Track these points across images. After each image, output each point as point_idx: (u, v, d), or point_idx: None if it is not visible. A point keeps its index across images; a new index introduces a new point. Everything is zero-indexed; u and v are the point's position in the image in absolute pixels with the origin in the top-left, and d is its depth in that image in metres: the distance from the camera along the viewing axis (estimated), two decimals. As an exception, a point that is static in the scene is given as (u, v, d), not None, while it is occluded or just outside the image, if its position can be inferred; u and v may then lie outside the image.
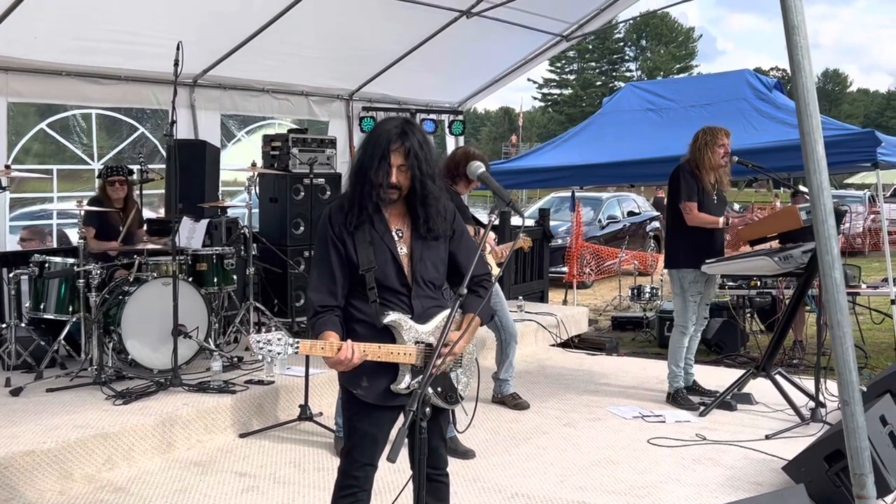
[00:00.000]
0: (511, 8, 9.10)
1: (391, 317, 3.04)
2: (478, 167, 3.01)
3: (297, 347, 2.88)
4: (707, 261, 6.19)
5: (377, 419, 3.18)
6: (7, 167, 6.51)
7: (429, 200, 3.10)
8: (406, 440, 3.06)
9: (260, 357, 2.83)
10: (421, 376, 2.97)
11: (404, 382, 3.05)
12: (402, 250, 3.14)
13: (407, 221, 3.18)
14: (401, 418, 3.19)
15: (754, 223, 6.38)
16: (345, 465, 3.25)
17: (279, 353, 2.83)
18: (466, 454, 5.28)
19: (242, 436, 5.67)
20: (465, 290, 2.75)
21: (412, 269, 3.13)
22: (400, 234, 3.15)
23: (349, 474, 3.22)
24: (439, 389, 3.12)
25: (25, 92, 7.48)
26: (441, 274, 3.23)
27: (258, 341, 2.83)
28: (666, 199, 6.66)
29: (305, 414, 5.82)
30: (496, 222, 2.88)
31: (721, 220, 6.24)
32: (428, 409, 2.66)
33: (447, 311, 3.14)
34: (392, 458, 2.41)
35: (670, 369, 6.57)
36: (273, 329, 2.81)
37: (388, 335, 3.08)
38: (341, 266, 3.10)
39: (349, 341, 2.97)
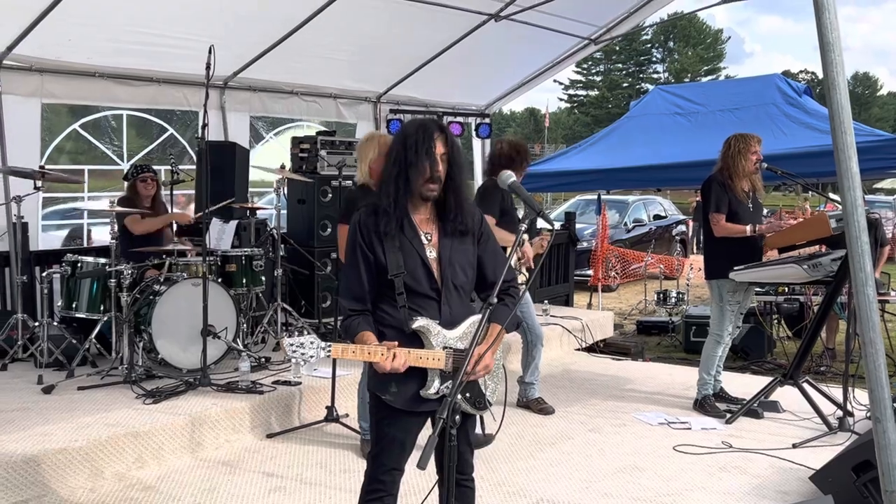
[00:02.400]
0: (539, 11, 9.10)
1: (419, 322, 3.06)
2: (508, 176, 3.02)
3: (329, 351, 2.91)
4: (735, 268, 6.16)
5: (405, 425, 3.20)
6: (41, 168, 6.60)
7: (461, 190, 3.16)
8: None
9: (293, 361, 2.86)
10: (450, 381, 3.00)
11: (434, 388, 3.07)
12: (432, 254, 3.16)
13: (435, 225, 3.21)
14: (428, 423, 3.23)
15: (783, 231, 6.33)
16: (372, 469, 3.27)
17: (312, 357, 2.86)
18: (487, 440, 5.33)
19: (270, 436, 5.72)
20: (496, 300, 2.76)
21: (441, 274, 3.15)
22: (429, 238, 3.18)
23: (376, 479, 3.24)
24: (468, 395, 3.14)
25: (59, 93, 7.59)
26: (470, 279, 3.24)
27: (291, 344, 2.87)
28: (702, 210, 6.64)
29: (332, 415, 5.86)
30: (525, 236, 2.89)
31: (748, 228, 6.19)
32: (458, 417, 2.68)
33: (475, 317, 3.16)
34: (422, 466, 2.43)
35: (701, 376, 6.54)
36: (304, 332, 2.83)
37: (416, 340, 3.09)
38: (368, 271, 3.13)
39: (381, 346, 3.00)
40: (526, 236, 6.08)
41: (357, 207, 3.28)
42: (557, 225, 11.89)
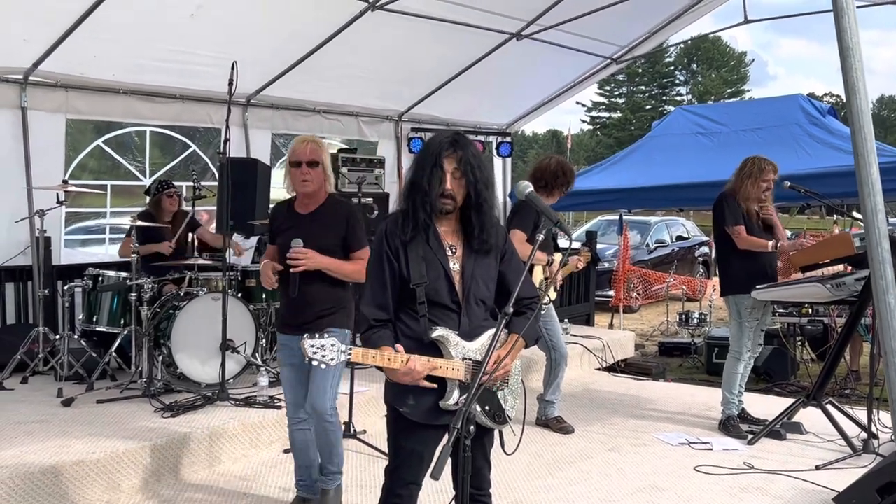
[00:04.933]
0: (561, 30, 9.12)
1: (438, 331, 3.05)
2: (525, 186, 3.01)
3: (350, 354, 2.88)
4: (758, 287, 6.10)
5: (423, 438, 3.17)
6: (65, 182, 6.67)
7: (484, 209, 3.13)
8: (449, 460, 3.07)
9: (314, 363, 2.83)
10: (467, 394, 2.97)
11: (453, 398, 3.05)
12: (455, 266, 3.15)
13: (460, 238, 3.20)
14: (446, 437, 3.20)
15: (807, 249, 6.28)
16: (389, 483, 3.24)
17: (332, 360, 2.84)
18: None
19: (287, 451, 5.68)
20: (511, 310, 2.74)
21: (463, 286, 3.14)
22: (453, 250, 3.17)
23: (394, 492, 3.22)
24: (487, 408, 3.11)
25: (83, 109, 7.67)
26: (491, 293, 3.23)
27: (312, 346, 2.84)
28: (713, 226, 6.60)
29: (349, 431, 5.84)
30: (541, 237, 2.85)
31: (770, 243, 6.17)
32: (472, 428, 2.65)
33: (493, 330, 3.13)
34: (436, 476, 2.41)
35: (724, 396, 6.46)
36: (326, 335, 2.82)
37: (434, 352, 3.07)
38: (392, 280, 3.13)
39: (400, 354, 2.99)
40: (558, 256, 6.08)
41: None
42: (578, 244, 11.85)
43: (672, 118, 11.90)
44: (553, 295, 6.62)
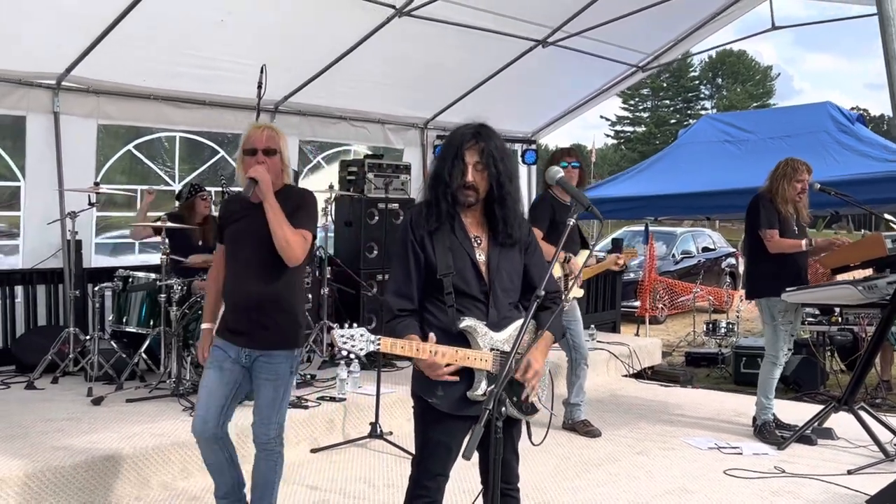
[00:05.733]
0: (587, 37, 9.13)
1: (467, 322, 3.04)
2: (556, 172, 3.00)
3: (379, 344, 2.88)
4: (788, 289, 6.05)
5: (451, 429, 3.15)
6: (96, 184, 6.75)
7: (507, 202, 3.11)
8: (476, 454, 3.06)
9: (343, 352, 2.84)
10: (497, 380, 2.96)
11: (481, 388, 3.04)
12: (481, 257, 3.14)
13: (485, 230, 3.19)
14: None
15: (838, 250, 6.22)
16: (416, 474, 3.23)
17: (361, 350, 2.84)
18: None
19: (314, 451, 5.71)
20: (542, 292, 2.73)
21: (490, 277, 3.13)
22: (479, 241, 3.16)
23: (421, 484, 3.20)
24: (515, 399, 3.09)
25: (114, 114, 7.77)
26: (515, 286, 3.22)
27: (342, 335, 2.84)
28: (745, 228, 6.55)
29: (376, 432, 5.84)
30: (572, 222, 2.85)
31: (804, 242, 6.12)
32: (503, 409, 2.64)
33: (520, 321, 3.13)
34: (467, 456, 2.40)
35: (759, 401, 6.39)
36: (356, 325, 2.81)
37: (462, 342, 3.06)
38: (418, 270, 3.11)
39: (429, 344, 2.98)
40: (584, 253, 6.07)
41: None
42: (603, 253, 11.80)
43: (699, 126, 11.85)
44: (580, 293, 6.60)
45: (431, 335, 3.01)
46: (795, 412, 6.89)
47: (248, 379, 3.93)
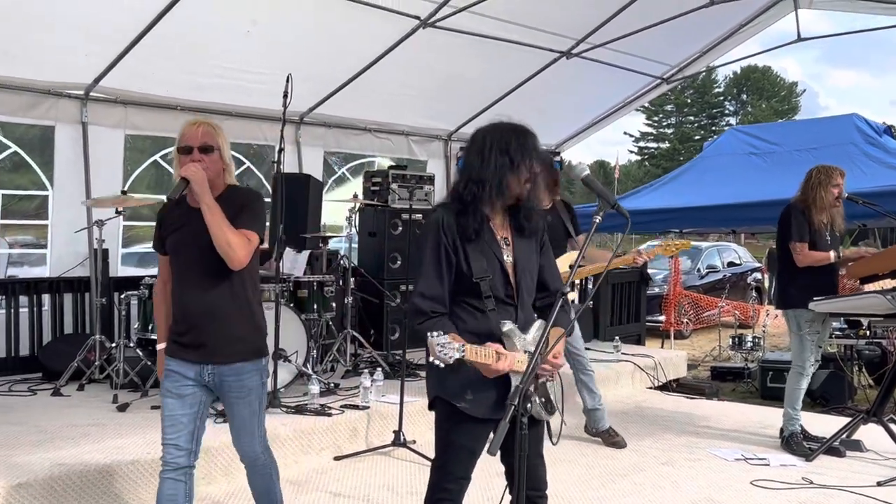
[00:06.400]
0: (611, 49, 9.12)
1: (509, 325, 3.01)
2: (582, 169, 2.96)
3: (464, 351, 2.79)
4: (815, 298, 5.98)
5: (477, 433, 3.11)
6: (123, 193, 6.81)
7: (535, 193, 3.13)
8: (504, 464, 3.05)
9: (437, 362, 2.72)
10: (533, 385, 3.00)
11: None
12: (509, 259, 3.12)
13: (510, 230, 3.17)
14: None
15: (866, 259, 6.14)
16: (437, 478, 3.19)
17: (450, 357, 2.70)
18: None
19: (337, 458, 5.70)
20: (567, 289, 2.73)
21: (516, 279, 3.11)
22: (507, 243, 3.14)
23: (441, 486, 3.17)
24: (542, 399, 3.08)
25: (141, 125, 7.86)
26: (535, 285, 3.22)
27: (439, 344, 2.71)
28: (777, 239, 6.49)
29: (399, 440, 5.83)
30: (598, 220, 2.84)
31: (832, 254, 6.05)
32: (529, 406, 2.62)
33: (539, 322, 3.14)
34: (492, 451, 2.39)
35: (786, 412, 6.30)
36: (435, 335, 2.72)
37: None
38: (449, 273, 3.06)
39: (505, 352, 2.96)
40: (565, 258, 6.04)
41: None
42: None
43: (724, 139, 11.83)
44: (573, 294, 6.58)
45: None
46: (823, 425, 6.79)
47: (211, 393, 3.63)
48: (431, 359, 2.73)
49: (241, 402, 3.59)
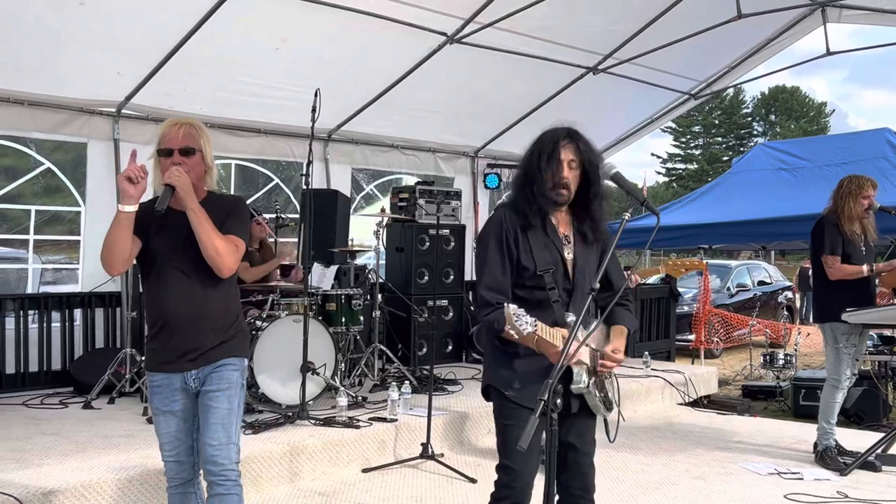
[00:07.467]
0: (638, 64, 9.11)
1: (572, 317, 3.04)
2: (611, 167, 2.98)
3: (536, 327, 2.80)
4: (848, 309, 5.89)
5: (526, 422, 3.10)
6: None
7: (597, 201, 3.16)
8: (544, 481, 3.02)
9: (511, 331, 2.72)
10: (595, 377, 3.08)
11: (584, 381, 3.03)
12: (569, 255, 3.18)
13: (572, 229, 3.22)
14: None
15: (898, 269, 6.07)
16: (500, 475, 3.18)
17: (523, 328, 2.74)
18: None
19: (365, 471, 5.68)
20: (631, 283, 2.73)
21: (574, 276, 3.16)
22: (567, 240, 3.19)
23: (504, 483, 3.15)
24: (602, 394, 3.10)
25: (172, 142, 7.91)
26: (587, 286, 3.21)
27: (514, 313, 2.76)
28: (810, 251, 6.42)
29: (427, 452, 5.80)
30: (627, 216, 2.84)
31: (865, 267, 5.96)
32: (559, 402, 2.61)
33: (596, 320, 3.15)
34: (523, 445, 2.37)
35: (821, 426, 6.21)
36: (512, 307, 2.73)
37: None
38: (511, 265, 3.13)
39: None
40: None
41: None
42: (655, 278, 11.65)
43: (753, 154, 11.73)
44: None
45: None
46: (857, 440, 6.68)
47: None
48: (507, 327, 2.76)
49: (221, 394, 3.35)
